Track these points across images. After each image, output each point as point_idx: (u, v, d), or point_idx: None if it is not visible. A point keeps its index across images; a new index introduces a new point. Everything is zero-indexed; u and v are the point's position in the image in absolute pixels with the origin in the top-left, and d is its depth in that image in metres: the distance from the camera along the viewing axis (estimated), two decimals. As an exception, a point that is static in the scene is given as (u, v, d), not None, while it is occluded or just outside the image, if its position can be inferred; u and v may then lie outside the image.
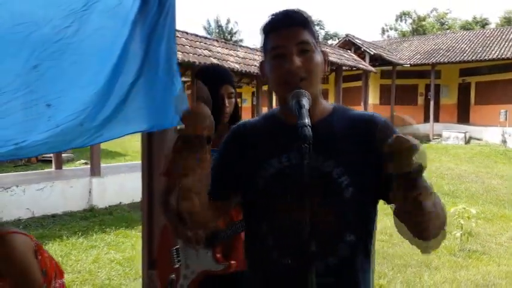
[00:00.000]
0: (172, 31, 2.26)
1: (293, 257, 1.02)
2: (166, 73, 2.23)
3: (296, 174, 1.02)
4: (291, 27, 1.05)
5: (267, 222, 1.07)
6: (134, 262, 4.54)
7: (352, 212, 1.03)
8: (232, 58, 9.07)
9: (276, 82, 1.07)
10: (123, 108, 2.09)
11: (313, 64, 1.04)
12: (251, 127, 1.18)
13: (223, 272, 1.70)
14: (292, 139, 1.06)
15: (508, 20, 35.75)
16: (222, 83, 1.77)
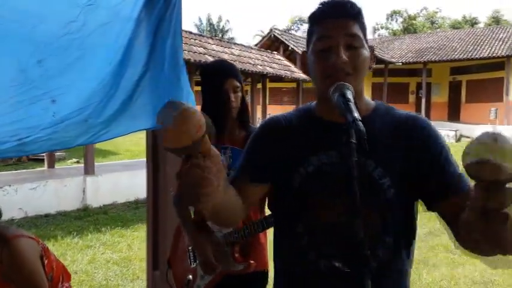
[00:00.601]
0: (179, 26, 2.21)
1: (334, 259, 0.98)
2: (172, 69, 2.18)
3: (336, 172, 0.99)
4: (340, 18, 0.98)
5: (303, 222, 1.02)
6: (131, 262, 4.48)
7: (392, 214, 0.98)
8: (227, 56, 9.00)
9: (319, 76, 1.00)
10: (129, 105, 2.04)
11: (360, 60, 0.98)
12: (285, 122, 1.11)
13: (242, 272, 1.67)
14: (331, 136, 1.02)
15: (496, 19, 36.19)
16: (226, 77, 1.73)
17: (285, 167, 1.04)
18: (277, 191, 1.08)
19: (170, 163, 2.19)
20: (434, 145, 1.01)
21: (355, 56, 0.97)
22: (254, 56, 10.46)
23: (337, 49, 0.96)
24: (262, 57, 10.83)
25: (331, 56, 0.97)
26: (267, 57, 10.98)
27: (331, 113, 1.02)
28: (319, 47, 0.99)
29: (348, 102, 0.83)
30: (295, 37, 16.57)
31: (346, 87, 0.89)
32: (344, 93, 0.87)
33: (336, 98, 0.88)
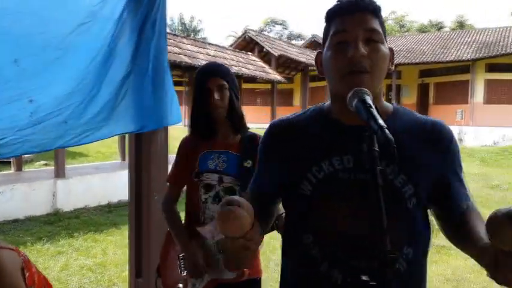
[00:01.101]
0: (163, 28, 2.15)
1: (351, 270, 0.93)
2: (156, 71, 2.13)
3: (351, 178, 0.94)
4: (359, 12, 0.93)
5: (314, 231, 0.97)
6: (106, 268, 4.34)
7: (413, 223, 0.94)
8: (203, 56, 8.90)
9: (336, 73, 0.93)
10: (113, 107, 1.97)
11: (379, 55, 0.92)
12: (295, 124, 1.04)
13: (236, 280, 1.62)
14: (347, 139, 0.96)
15: (460, 23, 37.56)
16: (209, 77, 1.68)
17: (293, 173, 0.99)
18: (287, 198, 1.04)
19: (155, 167, 2.12)
20: (455, 157, 1.00)
21: (374, 50, 0.91)
22: (229, 56, 10.40)
23: (355, 43, 0.90)
24: (238, 58, 10.79)
25: (348, 49, 0.91)
26: (242, 58, 10.94)
27: (346, 115, 0.96)
28: (336, 41, 0.94)
29: (369, 108, 0.78)
30: (270, 39, 16.62)
31: (364, 92, 0.83)
32: (363, 98, 0.81)
33: (355, 104, 0.82)
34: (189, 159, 1.74)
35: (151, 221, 2.09)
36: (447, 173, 0.99)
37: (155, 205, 2.09)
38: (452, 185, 0.98)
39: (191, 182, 1.73)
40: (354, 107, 0.83)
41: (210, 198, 1.69)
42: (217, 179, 1.69)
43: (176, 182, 1.81)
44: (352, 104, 0.83)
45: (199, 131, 1.74)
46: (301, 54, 15.16)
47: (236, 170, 1.67)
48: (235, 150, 1.71)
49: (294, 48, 16.00)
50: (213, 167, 1.70)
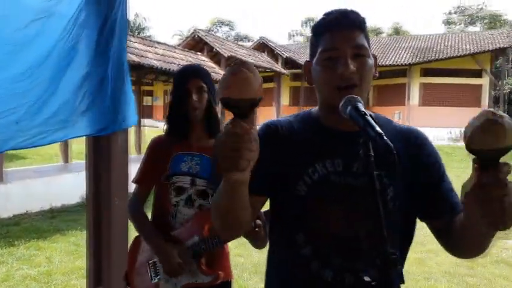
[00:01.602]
0: (124, 27, 2.09)
1: (342, 270, 0.97)
2: (116, 72, 2.06)
3: (342, 181, 0.99)
4: (347, 28, 0.98)
5: (306, 231, 1.00)
6: (52, 277, 4.11)
7: (394, 224, 0.96)
8: (151, 55, 8.69)
9: (326, 86, 0.99)
10: (71, 109, 1.88)
11: (366, 69, 0.98)
12: (287, 127, 1.07)
13: (211, 283, 1.61)
14: (336, 144, 1.01)
15: (396, 29, 39.77)
16: (189, 78, 1.67)
17: (289, 175, 1.01)
18: (279, 199, 1.05)
19: (115, 170, 2.05)
20: (435, 162, 1.06)
21: (362, 65, 0.97)
22: (178, 56, 10.24)
23: (345, 59, 0.96)
24: (187, 57, 10.65)
25: (338, 66, 0.96)
26: (191, 58, 10.81)
27: (335, 122, 1.02)
28: (326, 56, 0.98)
29: (365, 115, 0.82)
30: (219, 39, 16.56)
31: (356, 99, 0.88)
32: (356, 106, 0.85)
33: (348, 112, 0.86)
34: (160, 160, 1.70)
35: (111, 226, 2.02)
36: (436, 180, 1.04)
37: (116, 209, 2.02)
38: (442, 192, 1.04)
39: (161, 184, 1.69)
40: (348, 115, 0.86)
41: (181, 201, 1.67)
42: (189, 181, 1.66)
43: (144, 183, 1.77)
44: (346, 112, 0.87)
45: (174, 132, 1.71)
46: (250, 56, 15.26)
47: (210, 173, 1.65)
48: (209, 152, 1.69)
49: (243, 50, 16.08)
50: (186, 169, 1.67)
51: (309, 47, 1.08)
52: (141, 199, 1.77)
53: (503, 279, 4.11)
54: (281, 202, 1.05)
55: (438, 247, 1.08)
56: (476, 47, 19.01)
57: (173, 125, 1.72)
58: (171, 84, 7.08)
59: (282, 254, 1.07)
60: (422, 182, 1.03)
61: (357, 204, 0.98)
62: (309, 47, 1.08)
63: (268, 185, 1.03)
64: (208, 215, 1.62)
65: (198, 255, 1.62)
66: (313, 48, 1.05)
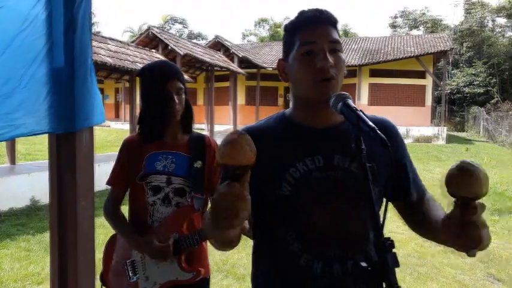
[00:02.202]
0: (87, 22, 2.02)
1: (331, 261, 1.01)
2: (80, 69, 1.99)
3: (324, 176, 1.03)
4: (324, 24, 1.02)
5: (293, 228, 1.03)
6: (3, 284, 3.87)
7: (374, 213, 1.04)
8: (104, 51, 8.38)
9: (305, 79, 1.02)
10: (32, 105, 1.79)
11: (341, 64, 1.03)
12: (264, 130, 1.10)
13: (192, 280, 1.60)
14: (314, 141, 1.05)
15: (345, 31, 41.15)
16: (168, 79, 1.62)
17: (271, 177, 1.03)
18: (263, 201, 1.06)
19: (81, 171, 1.97)
20: (402, 149, 1.14)
21: (337, 60, 1.02)
22: (132, 53, 9.94)
23: (324, 53, 1.00)
24: (141, 54, 10.36)
25: (317, 60, 1.00)
26: (145, 55, 10.55)
27: (311, 119, 1.07)
28: (304, 51, 1.02)
29: (356, 111, 0.85)
30: (175, 37, 16.25)
31: (345, 96, 0.91)
32: (347, 103, 0.89)
33: (340, 108, 0.89)
34: (134, 160, 1.67)
35: (77, 228, 1.93)
36: (402, 163, 1.12)
37: (82, 212, 1.95)
38: (409, 174, 1.13)
39: (136, 184, 1.66)
40: (339, 111, 0.90)
41: (158, 200, 1.64)
42: (165, 180, 1.64)
43: (119, 184, 1.73)
44: (337, 108, 0.91)
45: (150, 136, 1.67)
46: (205, 54, 15.12)
47: (186, 171, 1.64)
48: (184, 150, 1.68)
49: (199, 48, 15.90)
50: (161, 168, 1.65)
51: (283, 46, 1.12)
52: (116, 201, 1.73)
53: (451, 267, 4.41)
54: (266, 203, 1.07)
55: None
56: (419, 50, 20.10)
57: (149, 129, 1.67)
58: (124, 82, 6.92)
59: (270, 252, 1.09)
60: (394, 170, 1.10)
61: (341, 196, 1.03)
62: (283, 46, 1.12)
63: (253, 189, 1.06)
64: (186, 212, 1.63)
65: (178, 252, 1.61)
66: (288, 46, 1.08)
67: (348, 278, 1.01)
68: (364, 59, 20.23)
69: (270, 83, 22.19)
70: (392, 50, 21.03)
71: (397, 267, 0.74)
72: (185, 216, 1.62)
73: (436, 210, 1.08)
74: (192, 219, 1.65)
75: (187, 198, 1.65)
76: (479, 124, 24.00)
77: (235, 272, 4.09)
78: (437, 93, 23.85)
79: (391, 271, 0.73)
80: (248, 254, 4.62)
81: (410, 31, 37.46)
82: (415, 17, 38.09)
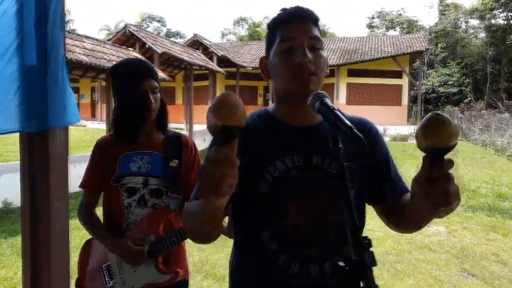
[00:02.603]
0: (59, 18, 1.96)
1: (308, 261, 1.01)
2: (51, 66, 1.93)
3: (303, 175, 1.02)
4: (303, 21, 1.03)
5: (271, 227, 1.02)
6: (-27, 291, 3.74)
7: (352, 212, 1.04)
8: (79, 49, 8.18)
9: (285, 76, 1.02)
10: (1, 102, 1.72)
11: (322, 61, 1.03)
12: (248, 125, 1.08)
13: (170, 282, 1.57)
14: (295, 140, 1.05)
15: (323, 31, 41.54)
16: (143, 77, 1.58)
17: (250, 174, 1.01)
18: (242, 198, 1.04)
19: (55, 171, 1.91)
20: (382, 148, 1.13)
21: (317, 56, 1.02)
22: (109, 51, 9.75)
23: (303, 49, 1.00)
24: (118, 53, 10.18)
25: (296, 55, 1.00)
26: (122, 54, 10.36)
27: (293, 117, 1.06)
28: (284, 48, 1.02)
29: (334, 110, 0.85)
30: (152, 35, 16.02)
31: (323, 94, 0.90)
32: (325, 102, 0.88)
33: (317, 107, 0.88)
34: (107, 162, 1.62)
35: (51, 231, 1.87)
36: (382, 164, 1.12)
37: (56, 214, 1.89)
38: (391, 175, 1.12)
39: (110, 186, 1.61)
40: (317, 110, 0.89)
41: (134, 202, 1.60)
42: (141, 181, 1.60)
43: (93, 187, 1.68)
44: (315, 107, 0.89)
45: (124, 133, 1.62)
46: (184, 53, 14.97)
47: (162, 171, 1.60)
48: (159, 150, 1.64)
49: (177, 46, 15.73)
50: (136, 169, 1.61)
51: (266, 43, 1.11)
52: (90, 204, 1.68)
53: (427, 263, 4.50)
54: (243, 201, 1.06)
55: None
56: (396, 50, 20.48)
57: (124, 128, 1.63)
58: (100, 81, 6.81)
59: (248, 251, 1.09)
60: (375, 171, 1.10)
61: (319, 196, 1.02)
62: (266, 43, 1.11)
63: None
64: (162, 213, 1.60)
65: (155, 254, 1.57)
66: (269, 43, 1.08)
67: (325, 278, 1.01)
68: (342, 58, 20.47)
69: (250, 82, 22.20)
70: (369, 50, 21.36)
71: (375, 266, 0.74)
72: (161, 217, 1.59)
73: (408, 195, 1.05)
74: (168, 219, 1.62)
75: (164, 199, 1.61)
76: (453, 123, 24.57)
77: (215, 273, 4.06)
78: (413, 92, 24.34)
79: (368, 270, 0.73)
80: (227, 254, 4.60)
81: (387, 31, 38.13)
82: (392, 18, 38.79)
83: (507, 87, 29.03)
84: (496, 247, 5.07)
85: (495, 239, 5.39)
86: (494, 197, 7.72)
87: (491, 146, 16.01)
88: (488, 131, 17.76)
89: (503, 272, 4.29)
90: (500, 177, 9.76)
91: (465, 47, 31.08)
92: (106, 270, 1.60)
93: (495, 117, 17.64)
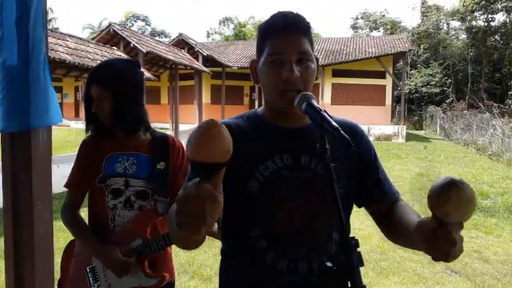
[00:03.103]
0: (40, 17, 1.92)
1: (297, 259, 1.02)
2: (35, 64, 1.89)
3: (292, 175, 1.03)
4: (293, 34, 1.02)
5: (261, 226, 1.03)
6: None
7: (339, 212, 1.05)
8: (62, 48, 8.04)
9: (272, 88, 1.03)
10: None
11: (309, 73, 1.03)
12: (237, 127, 1.09)
13: (156, 286, 1.55)
14: (284, 140, 1.06)
15: (311, 33, 41.79)
16: (90, 84, 1.61)
17: (240, 174, 1.03)
18: (231, 199, 1.03)
19: (37, 171, 1.87)
20: (369, 151, 1.15)
21: (305, 70, 1.02)
22: (93, 50, 9.61)
23: (291, 65, 1.00)
24: (102, 52, 10.05)
25: (284, 70, 1.00)
26: (106, 53, 10.23)
27: (281, 120, 1.08)
28: (271, 60, 1.02)
29: (320, 111, 0.86)
30: (137, 34, 15.85)
31: (310, 96, 0.92)
32: (311, 102, 0.89)
33: (304, 108, 0.90)
34: (93, 162, 1.59)
35: (34, 232, 1.84)
36: (369, 167, 1.14)
37: (39, 215, 1.85)
38: (378, 177, 1.14)
39: (95, 187, 1.58)
40: (304, 111, 0.90)
41: (120, 204, 1.57)
42: (123, 183, 1.58)
43: (77, 187, 1.64)
44: (301, 108, 0.91)
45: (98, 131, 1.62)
46: (169, 52, 14.86)
47: (148, 173, 1.58)
48: (145, 151, 1.61)
49: (162, 46, 15.59)
50: (121, 170, 1.58)
51: (256, 46, 1.11)
52: (74, 205, 1.65)
53: (411, 261, 4.56)
54: (233, 200, 1.05)
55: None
56: (380, 50, 20.71)
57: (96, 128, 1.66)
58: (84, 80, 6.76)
59: (237, 250, 1.09)
60: (361, 174, 1.12)
61: (308, 195, 1.04)
62: (256, 46, 1.11)
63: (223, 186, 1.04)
64: (149, 216, 1.58)
65: (142, 258, 1.55)
66: (259, 49, 1.08)
67: (313, 276, 1.02)
68: (327, 59, 20.60)
69: (236, 82, 22.17)
70: (353, 50, 21.54)
71: (362, 266, 0.75)
72: (149, 221, 1.57)
73: (408, 215, 1.05)
74: (156, 223, 1.60)
75: (150, 201, 1.59)
76: (436, 123, 25.05)
77: (202, 273, 4.05)
78: (397, 92, 24.68)
79: (356, 270, 0.74)
80: (214, 255, 4.60)
81: (371, 32, 38.58)
82: (375, 19, 39.25)
83: (487, 87, 29.70)
84: (478, 244, 5.18)
85: (477, 237, 5.50)
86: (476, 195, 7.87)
87: (473, 145, 16.34)
88: (469, 131, 18.13)
89: (486, 269, 4.38)
90: (482, 176, 9.97)
91: (447, 48, 31.68)
92: (90, 272, 1.57)
93: (476, 117, 18.02)
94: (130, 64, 1.65)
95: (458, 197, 0.71)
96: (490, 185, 8.85)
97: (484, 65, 30.33)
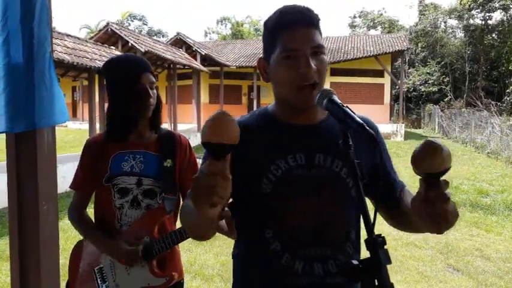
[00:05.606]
0: (45, 16, 1.90)
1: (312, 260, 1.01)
2: (41, 63, 1.87)
3: (306, 174, 1.02)
4: (306, 28, 0.99)
5: (275, 226, 1.02)
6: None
7: (355, 211, 1.04)
8: (60, 48, 7.99)
9: (288, 83, 1.00)
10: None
11: (324, 67, 1.01)
12: (249, 125, 1.06)
13: (165, 285, 1.53)
14: (296, 139, 1.04)
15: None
16: (142, 71, 1.52)
17: (253, 174, 1.01)
18: (244, 199, 1.03)
19: (43, 172, 1.85)
20: (383, 150, 1.14)
21: (320, 63, 1.00)
22: (91, 50, 9.57)
23: (307, 59, 0.97)
24: (100, 51, 10.00)
25: (300, 65, 0.97)
26: (105, 52, 10.18)
27: (293, 117, 1.05)
28: (285, 56, 0.99)
29: (343, 107, 0.84)
30: (135, 33, 15.79)
31: (330, 92, 0.90)
32: (333, 99, 0.88)
33: (325, 104, 0.88)
34: (98, 162, 1.57)
35: (40, 233, 1.82)
36: (381, 163, 1.13)
37: (44, 216, 1.83)
38: (388, 174, 1.14)
39: (101, 186, 1.56)
40: (325, 107, 0.89)
41: (126, 203, 1.55)
42: (134, 181, 1.55)
43: (83, 187, 1.63)
44: (322, 104, 0.89)
45: (119, 132, 1.57)
46: (167, 52, 14.81)
47: (156, 171, 1.56)
48: (152, 149, 1.59)
49: (160, 45, 15.53)
50: (129, 168, 1.55)
51: (264, 44, 1.08)
52: (81, 205, 1.63)
53: (413, 259, 4.56)
54: (246, 201, 1.04)
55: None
56: (378, 49, 20.71)
57: (120, 127, 1.57)
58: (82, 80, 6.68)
59: (251, 251, 1.08)
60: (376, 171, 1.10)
61: (322, 194, 1.02)
62: (264, 44, 1.08)
63: (234, 185, 1.03)
64: (157, 215, 1.56)
65: (150, 257, 1.53)
66: (268, 46, 1.05)
67: (330, 277, 1.01)
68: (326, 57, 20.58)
69: (234, 81, 22.12)
70: (352, 49, 21.53)
71: (389, 263, 0.74)
72: (156, 220, 1.55)
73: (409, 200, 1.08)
74: (163, 222, 1.58)
75: (157, 199, 1.57)
76: (434, 121, 25.06)
77: (204, 273, 4.03)
78: (395, 91, 24.70)
79: (383, 268, 0.73)
80: (216, 255, 4.59)
81: (369, 31, 38.55)
82: (373, 18, 39.24)
83: (485, 85, 29.75)
84: (480, 242, 5.19)
85: (478, 235, 5.51)
86: (475, 193, 7.90)
87: (471, 144, 16.37)
88: (468, 129, 18.15)
89: (487, 266, 4.39)
90: (481, 174, 9.99)
91: (444, 47, 31.70)
92: (98, 273, 1.55)
93: (474, 115, 18.04)
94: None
95: (434, 148, 0.79)
96: (490, 183, 8.86)
97: (482, 63, 30.38)
